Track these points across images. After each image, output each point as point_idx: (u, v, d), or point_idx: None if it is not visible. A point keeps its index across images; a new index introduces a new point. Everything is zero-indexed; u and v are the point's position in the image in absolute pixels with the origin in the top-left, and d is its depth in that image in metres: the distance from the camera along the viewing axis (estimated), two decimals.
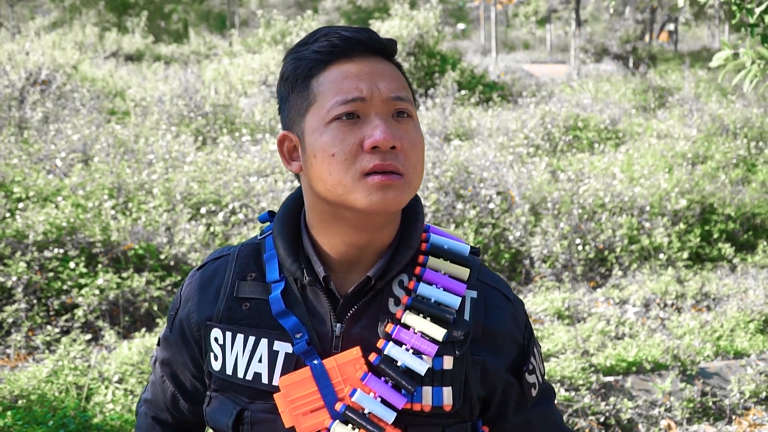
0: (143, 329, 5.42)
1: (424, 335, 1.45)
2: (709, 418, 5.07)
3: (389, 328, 1.45)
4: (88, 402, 4.35)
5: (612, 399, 4.92)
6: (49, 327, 5.33)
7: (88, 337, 5.20)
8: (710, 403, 5.13)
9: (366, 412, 1.42)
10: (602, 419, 4.85)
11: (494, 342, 1.53)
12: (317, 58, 1.41)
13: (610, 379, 5.15)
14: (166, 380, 1.68)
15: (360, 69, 1.40)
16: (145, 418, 1.76)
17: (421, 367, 1.43)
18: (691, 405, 5.06)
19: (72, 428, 4.05)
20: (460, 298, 1.49)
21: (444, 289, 1.49)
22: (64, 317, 5.51)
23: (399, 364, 1.44)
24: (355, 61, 1.41)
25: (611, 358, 5.26)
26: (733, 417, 5.09)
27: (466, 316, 1.50)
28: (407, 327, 1.46)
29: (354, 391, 1.43)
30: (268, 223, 1.63)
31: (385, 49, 1.46)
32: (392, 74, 1.44)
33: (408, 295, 1.48)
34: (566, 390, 4.93)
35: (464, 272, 1.53)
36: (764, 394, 5.24)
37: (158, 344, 1.70)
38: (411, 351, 1.44)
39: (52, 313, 5.64)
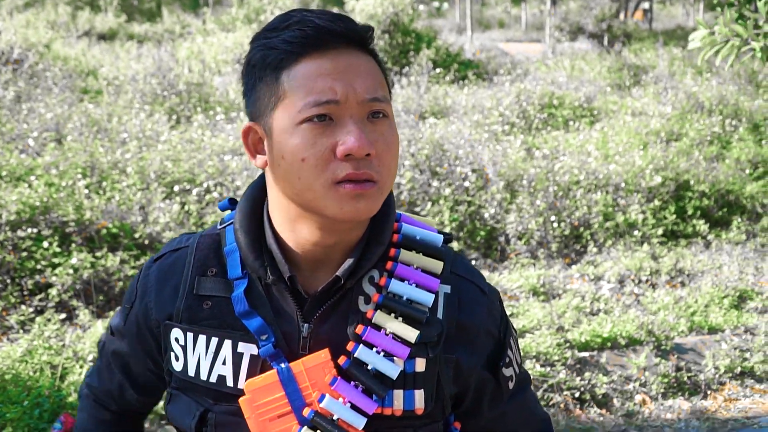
0: (117, 308, 5.40)
1: (395, 337, 1.38)
2: (684, 393, 5.11)
3: (359, 329, 1.38)
4: (63, 381, 4.33)
5: (587, 374, 4.95)
6: (23, 307, 5.29)
7: (63, 316, 5.17)
8: (685, 378, 5.17)
9: (335, 418, 1.36)
10: (577, 394, 4.88)
11: (468, 338, 1.47)
12: (288, 49, 1.31)
13: (585, 354, 5.18)
14: (114, 369, 1.62)
15: (335, 65, 1.30)
16: (87, 400, 1.71)
17: (392, 371, 1.37)
18: (666, 380, 5.10)
19: (47, 407, 4.04)
20: (434, 296, 1.42)
21: (417, 285, 1.42)
22: (38, 297, 5.46)
23: (369, 367, 1.37)
24: (330, 55, 1.31)
25: (586, 333, 5.29)
26: (708, 392, 5.14)
27: (439, 314, 1.44)
28: (378, 328, 1.39)
29: (323, 396, 1.37)
30: (228, 212, 1.55)
31: (361, 38, 1.35)
32: (368, 70, 1.34)
33: (379, 292, 1.42)
34: (542, 365, 4.96)
35: (437, 265, 1.45)
36: (739, 369, 5.29)
37: (110, 333, 1.62)
38: (382, 353, 1.38)
39: (26, 292, 5.59)
